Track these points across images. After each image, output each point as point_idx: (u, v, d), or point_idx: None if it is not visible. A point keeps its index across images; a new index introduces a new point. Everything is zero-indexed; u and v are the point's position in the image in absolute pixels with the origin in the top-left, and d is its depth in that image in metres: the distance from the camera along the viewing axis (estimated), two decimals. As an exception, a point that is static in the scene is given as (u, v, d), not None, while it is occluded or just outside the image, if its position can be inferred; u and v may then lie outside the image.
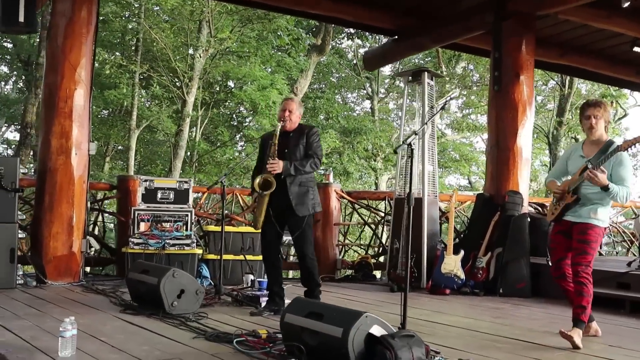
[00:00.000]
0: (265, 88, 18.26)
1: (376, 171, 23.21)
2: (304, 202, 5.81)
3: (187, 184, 7.95)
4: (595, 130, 4.96)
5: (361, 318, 3.81)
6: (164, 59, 18.47)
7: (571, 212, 4.96)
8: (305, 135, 5.82)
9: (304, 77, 20.63)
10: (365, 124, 22.76)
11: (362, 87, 27.46)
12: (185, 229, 7.75)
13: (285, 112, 5.80)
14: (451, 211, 8.13)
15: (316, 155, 5.85)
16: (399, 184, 8.75)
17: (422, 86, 8.54)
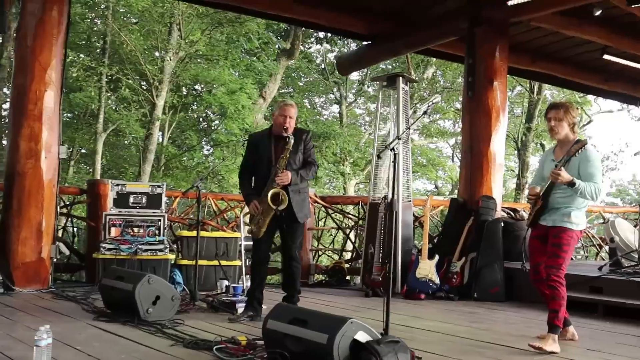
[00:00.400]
0: (235, 92, 18.18)
1: (344, 176, 23.26)
2: (302, 209, 5.82)
3: (160, 189, 7.85)
4: (557, 133, 4.96)
5: (346, 324, 3.78)
6: (132, 62, 18.28)
7: (546, 216, 4.96)
8: (302, 141, 5.78)
9: (273, 81, 20.61)
10: (334, 129, 22.82)
11: (330, 92, 27.50)
12: (158, 234, 7.65)
13: (287, 118, 5.70)
14: (426, 216, 8.14)
15: (315, 162, 5.87)
16: (373, 189, 8.74)
17: (397, 91, 8.55)
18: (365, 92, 27.23)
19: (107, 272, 6.15)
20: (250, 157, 5.88)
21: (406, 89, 8.75)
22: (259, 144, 5.78)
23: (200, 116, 22.21)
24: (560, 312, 4.83)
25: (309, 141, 5.82)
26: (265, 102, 20.56)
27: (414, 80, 10.22)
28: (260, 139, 5.85)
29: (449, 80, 23.55)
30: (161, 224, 7.70)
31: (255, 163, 5.81)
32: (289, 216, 5.71)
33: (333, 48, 25.15)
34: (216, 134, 19.52)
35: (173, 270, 7.66)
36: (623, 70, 10.50)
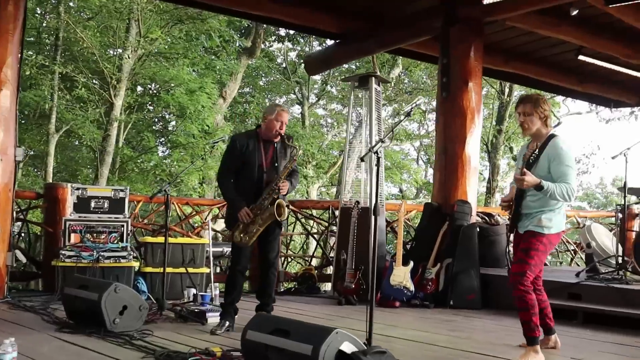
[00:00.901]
0: (194, 92, 18.03)
1: (307, 179, 23.23)
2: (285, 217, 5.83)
3: (124, 193, 7.75)
4: (528, 128, 4.84)
5: (332, 334, 3.75)
6: (87, 59, 18.01)
7: (520, 222, 4.87)
8: (288, 147, 5.74)
9: (234, 81, 20.50)
10: (296, 130, 22.77)
11: (292, 92, 27.50)
12: (121, 241, 7.55)
13: (283, 125, 5.65)
14: (400, 221, 8.16)
15: (297, 170, 5.88)
16: (345, 193, 8.75)
17: (369, 92, 8.57)
18: (327, 93, 27.31)
19: (69, 281, 6.05)
20: (234, 159, 5.73)
21: (379, 89, 8.78)
22: (247, 147, 5.66)
23: (156, 117, 22.00)
24: (532, 322, 4.72)
25: (293, 148, 5.80)
26: (225, 103, 20.46)
27: (386, 80, 10.26)
28: (247, 142, 5.69)
29: (414, 81, 23.74)
30: (124, 230, 7.59)
31: (240, 166, 5.71)
32: (275, 222, 5.69)
33: (295, 47, 25.21)
34: (174, 135, 19.33)
35: (137, 279, 7.58)
36: (597, 71, 10.67)
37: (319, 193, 26.85)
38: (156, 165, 19.38)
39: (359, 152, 9.41)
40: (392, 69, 21.32)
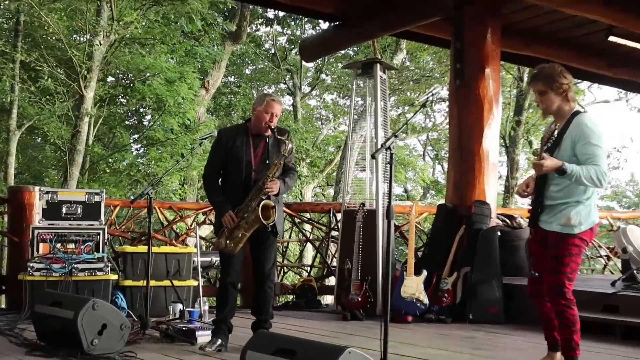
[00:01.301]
0: (173, 82, 17.97)
1: (301, 179, 23.23)
2: (281, 221, 5.81)
3: (99, 196, 7.70)
4: (546, 107, 4.66)
5: (344, 354, 3.72)
6: (51, 46, 17.91)
7: (543, 215, 4.66)
8: (281, 142, 5.69)
9: (217, 69, 20.46)
10: (288, 124, 22.77)
11: (282, 81, 27.48)
12: (96, 251, 7.50)
13: (273, 116, 5.62)
14: (411, 225, 8.12)
15: (295, 168, 5.84)
16: (348, 193, 8.72)
17: (374, 80, 8.53)
18: (322, 82, 27.29)
19: (40, 297, 5.98)
20: (219, 156, 5.72)
21: (384, 77, 8.74)
22: (234, 142, 5.64)
23: (130, 110, 21.94)
24: (574, 340, 4.59)
25: (290, 142, 5.73)
26: (208, 94, 20.41)
27: (393, 67, 10.24)
28: (234, 136, 5.68)
29: (421, 68, 23.72)
30: (100, 239, 7.55)
31: (226, 164, 5.68)
32: (266, 230, 5.63)
33: (285, 30, 25.19)
34: (151, 132, 19.26)
35: (115, 293, 7.55)
36: (630, 54, 10.60)
37: (314, 194, 26.85)
38: (130, 165, 19.33)
39: (359, 148, 9.39)
40: (394, 54, 21.28)
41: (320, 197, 28.70)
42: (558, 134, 4.57)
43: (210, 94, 20.68)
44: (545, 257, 4.66)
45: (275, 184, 5.52)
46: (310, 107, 28.69)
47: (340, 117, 26.38)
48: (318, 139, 25.30)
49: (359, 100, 9.28)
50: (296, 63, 25.82)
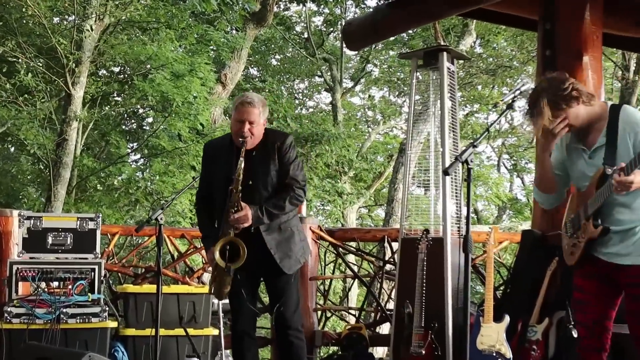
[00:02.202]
0: (182, 76, 18.06)
1: (343, 197, 23.24)
2: (290, 253, 5.79)
3: (94, 222, 7.76)
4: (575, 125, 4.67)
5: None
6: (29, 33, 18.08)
7: (605, 246, 4.63)
8: (276, 151, 5.72)
9: (237, 60, 20.59)
10: (326, 128, 22.81)
11: (317, 74, 27.59)
12: (90, 291, 7.54)
13: (245, 125, 5.64)
14: (489, 257, 8.05)
15: (297, 184, 5.78)
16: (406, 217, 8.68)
17: (440, 72, 8.50)
18: (368, 74, 27.36)
19: (21, 351, 6.06)
20: (206, 177, 5.94)
21: (452, 69, 8.71)
22: (219, 158, 5.76)
23: (128, 112, 22.11)
24: None
25: (286, 152, 5.76)
26: (225, 90, 20.53)
27: (464, 56, 10.16)
28: (218, 150, 5.82)
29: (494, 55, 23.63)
30: (95, 276, 7.60)
31: (213, 187, 5.85)
32: (269, 266, 5.70)
33: (321, 9, 25.28)
34: (155, 139, 19.37)
35: (114, 345, 7.59)
36: None
37: (359, 217, 26.87)
38: (128, 181, 19.44)
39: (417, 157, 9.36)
40: (461, 38, 21.25)
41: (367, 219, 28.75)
42: (607, 137, 4.53)
43: (229, 91, 20.78)
44: (612, 296, 4.67)
45: (244, 216, 5.54)
46: (354, 106, 28.76)
47: (393, 119, 26.40)
48: (364, 147, 25.32)
49: (418, 98, 9.25)
50: (335, 51, 25.92)
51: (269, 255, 5.67)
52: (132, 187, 19.16)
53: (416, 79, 8.90)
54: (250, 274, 5.77)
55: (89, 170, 18.97)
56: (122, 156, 19.73)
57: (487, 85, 23.73)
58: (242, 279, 5.71)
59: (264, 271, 5.79)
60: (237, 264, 5.55)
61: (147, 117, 22.64)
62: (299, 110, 27.34)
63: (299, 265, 5.88)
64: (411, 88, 8.96)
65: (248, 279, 5.78)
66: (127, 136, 21.91)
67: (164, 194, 18.21)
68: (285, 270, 5.72)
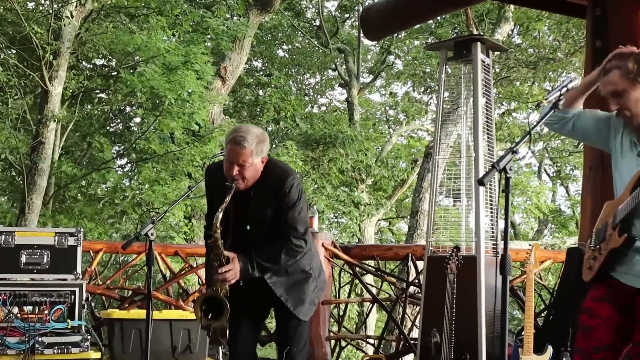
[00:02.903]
0: (176, 69, 18.07)
1: (359, 208, 23.24)
2: (304, 297, 5.78)
3: (75, 238, 7.77)
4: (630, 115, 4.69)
5: None
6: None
7: (626, 266, 4.67)
8: (274, 193, 5.66)
9: (238, 50, 20.58)
10: (340, 129, 22.80)
11: (330, 66, 27.58)
12: (70, 317, 7.57)
13: (234, 167, 5.52)
14: (529, 279, 8.03)
15: (295, 233, 5.69)
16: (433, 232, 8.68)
17: (473, 65, 8.50)
18: (390, 67, 27.34)
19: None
20: (210, 202, 5.98)
21: (488, 61, 8.71)
22: (217, 187, 5.68)
23: (114, 111, 22.15)
24: None
25: (286, 194, 5.65)
26: (225, 86, 20.54)
27: (500, 47, 10.14)
28: (218, 178, 5.71)
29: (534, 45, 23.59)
30: (76, 300, 7.61)
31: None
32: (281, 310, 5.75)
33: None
34: (144, 141, 19.38)
35: (97, 380, 7.60)
36: None
37: (378, 231, 26.85)
38: (114, 189, 19.44)
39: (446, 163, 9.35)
40: (497, 25, 21.23)
41: (387, 234, 28.72)
42: None
43: (229, 86, 20.80)
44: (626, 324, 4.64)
45: (230, 271, 5.49)
46: (373, 104, 28.74)
47: (418, 119, 26.38)
48: (384, 151, 25.30)
49: (447, 95, 9.25)
50: (352, 40, 25.95)
51: (278, 301, 5.69)
52: (118, 197, 19.15)
53: (445, 73, 8.89)
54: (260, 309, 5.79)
55: (69, 177, 18.98)
56: (106, 161, 19.71)
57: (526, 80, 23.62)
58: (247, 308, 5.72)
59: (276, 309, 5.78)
60: (219, 323, 5.53)
61: (135, 117, 22.63)
62: (310, 109, 27.39)
63: (315, 308, 5.85)
64: (439, 83, 8.97)
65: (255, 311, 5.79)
66: (113, 138, 21.93)
67: (154, 205, 18.19)
68: (301, 317, 5.71)
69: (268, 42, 25.89)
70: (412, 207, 19.93)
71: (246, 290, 5.64)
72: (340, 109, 27.44)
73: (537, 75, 22.87)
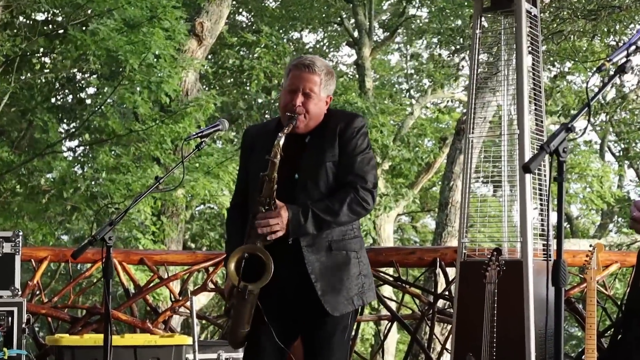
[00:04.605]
0: (139, 26, 18.08)
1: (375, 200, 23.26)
2: (339, 286, 5.68)
3: (12, 243, 7.77)
4: None
5: None
6: None
7: None
8: (337, 136, 5.68)
9: (219, 2, 20.64)
10: (350, 100, 22.85)
11: (335, 22, 27.61)
12: (6, 344, 7.58)
13: (297, 96, 5.59)
14: (590, 289, 8.06)
15: (363, 183, 5.64)
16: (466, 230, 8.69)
17: (515, 18, 8.51)
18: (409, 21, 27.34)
19: None
20: (243, 177, 5.95)
21: (535, 12, 8.72)
22: (257, 149, 5.73)
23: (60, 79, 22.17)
24: None
25: (354, 135, 5.68)
26: (202, 46, 20.57)
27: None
28: (259, 138, 5.80)
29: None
30: (14, 322, 7.62)
31: (251, 189, 5.75)
32: (307, 304, 5.67)
33: None
34: (100, 118, 19.42)
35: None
36: None
37: (397, 228, 26.90)
38: (62, 180, 19.48)
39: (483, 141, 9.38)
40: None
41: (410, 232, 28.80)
42: None
43: (207, 47, 20.85)
44: None
45: (276, 218, 5.47)
46: (390, 67, 28.75)
47: (447, 86, 26.40)
48: (404, 127, 25.33)
49: (484, 56, 9.26)
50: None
51: (309, 285, 5.59)
52: (68, 189, 19.20)
53: (481, 28, 8.90)
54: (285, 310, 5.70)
55: (4, 165, 19.06)
56: (52, 144, 19.77)
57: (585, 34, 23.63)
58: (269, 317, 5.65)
59: (305, 311, 5.66)
60: (258, 285, 5.47)
61: (88, 87, 22.67)
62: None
63: (351, 308, 5.68)
64: (474, 41, 8.98)
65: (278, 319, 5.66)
66: (60, 115, 21.94)
67: (113, 199, 18.21)
68: (328, 310, 5.56)
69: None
70: (441, 198, 19.95)
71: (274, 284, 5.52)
72: (349, 74, 27.47)
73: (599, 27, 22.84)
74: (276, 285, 5.54)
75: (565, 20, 22.36)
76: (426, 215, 27.93)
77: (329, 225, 5.57)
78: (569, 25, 22.54)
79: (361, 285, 5.73)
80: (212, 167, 18.45)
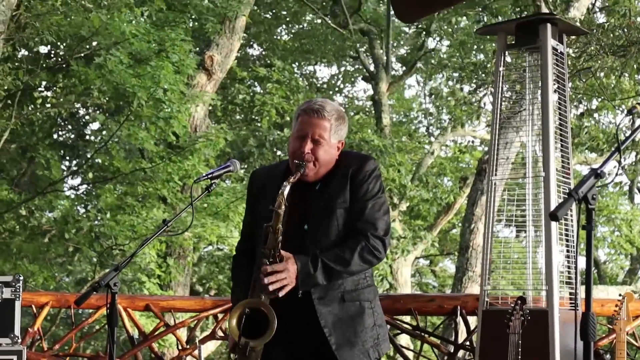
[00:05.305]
0: (147, 60, 18.11)
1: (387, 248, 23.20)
2: (354, 340, 5.66)
3: (12, 288, 7.76)
4: None
5: None
6: None
7: None
8: (349, 179, 5.68)
9: (228, 34, 20.67)
10: (365, 137, 22.84)
11: (350, 55, 27.63)
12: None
13: (306, 142, 5.63)
14: (620, 341, 8.03)
15: (373, 230, 5.62)
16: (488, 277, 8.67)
17: (542, 54, 8.50)
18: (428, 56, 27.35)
19: None
20: (249, 221, 5.97)
21: (561, 49, 8.71)
22: (265, 193, 5.73)
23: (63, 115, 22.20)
24: None
25: (365, 179, 5.69)
26: (212, 80, 20.57)
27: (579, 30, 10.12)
28: (267, 181, 5.81)
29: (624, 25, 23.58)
30: (14, 371, 7.63)
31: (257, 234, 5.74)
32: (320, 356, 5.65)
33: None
34: (104, 156, 19.43)
35: None
36: None
37: (415, 272, 26.85)
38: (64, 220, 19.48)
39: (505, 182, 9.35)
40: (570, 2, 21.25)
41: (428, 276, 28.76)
42: None
43: (217, 82, 20.85)
44: None
45: (282, 271, 5.44)
46: (408, 103, 28.75)
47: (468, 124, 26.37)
48: (423, 166, 25.33)
49: (507, 93, 9.24)
50: (379, 19, 26.02)
51: (322, 339, 5.57)
52: (70, 230, 19.19)
53: (504, 64, 8.90)
54: None
55: (3, 204, 19.07)
56: (53, 182, 19.79)
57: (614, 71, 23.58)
58: None
59: None
60: (260, 341, 5.43)
61: (92, 123, 22.71)
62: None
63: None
64: (496, 77, 8.97)
65: None
66: (62, 151, 21.98)
67: (117, 240, 18.21)
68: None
69: (268, 22, 26.00)
70: (461, 242, 19.89)
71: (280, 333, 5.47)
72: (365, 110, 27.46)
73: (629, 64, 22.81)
74: (286, 340, 5.56)
75: (592, 56, 22.36)
76: (445, 258, 27.86)
77: (339, 276, 5.57)
78: (597, 62, 22.54)
79: (376, 337, 5.72)
80: (221, 208, 18.43)
